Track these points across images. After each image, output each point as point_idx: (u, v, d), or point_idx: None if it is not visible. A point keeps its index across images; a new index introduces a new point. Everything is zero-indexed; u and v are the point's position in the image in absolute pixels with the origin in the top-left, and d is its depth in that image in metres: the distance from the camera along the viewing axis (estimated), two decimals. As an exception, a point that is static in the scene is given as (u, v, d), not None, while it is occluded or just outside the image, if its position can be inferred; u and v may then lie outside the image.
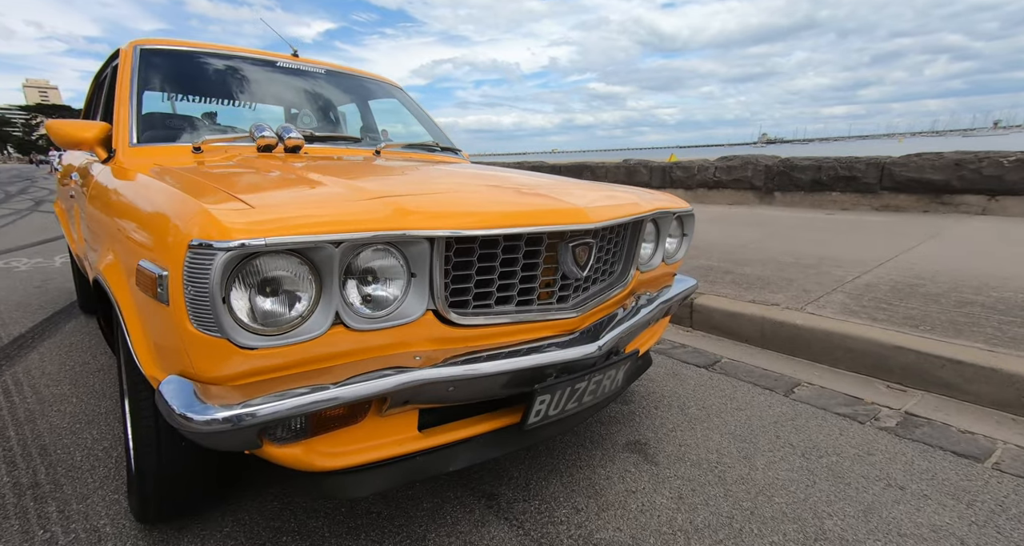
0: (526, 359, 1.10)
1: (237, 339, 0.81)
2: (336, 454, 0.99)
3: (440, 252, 1.03)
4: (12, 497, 1.37)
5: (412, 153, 2.18)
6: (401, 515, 1.32)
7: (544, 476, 1.50)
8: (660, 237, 1.67)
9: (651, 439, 1.72)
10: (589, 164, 8.68)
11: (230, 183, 1.13)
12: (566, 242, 1.21)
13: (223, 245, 0.77)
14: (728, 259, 3.95)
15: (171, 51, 1.97)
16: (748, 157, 7.29)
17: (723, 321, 2.82)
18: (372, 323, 0.97)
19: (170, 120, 1.88)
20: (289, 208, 0.93)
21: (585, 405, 1.29)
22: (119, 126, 1.68)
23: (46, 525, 1.27)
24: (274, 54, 2.21)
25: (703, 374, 2.28)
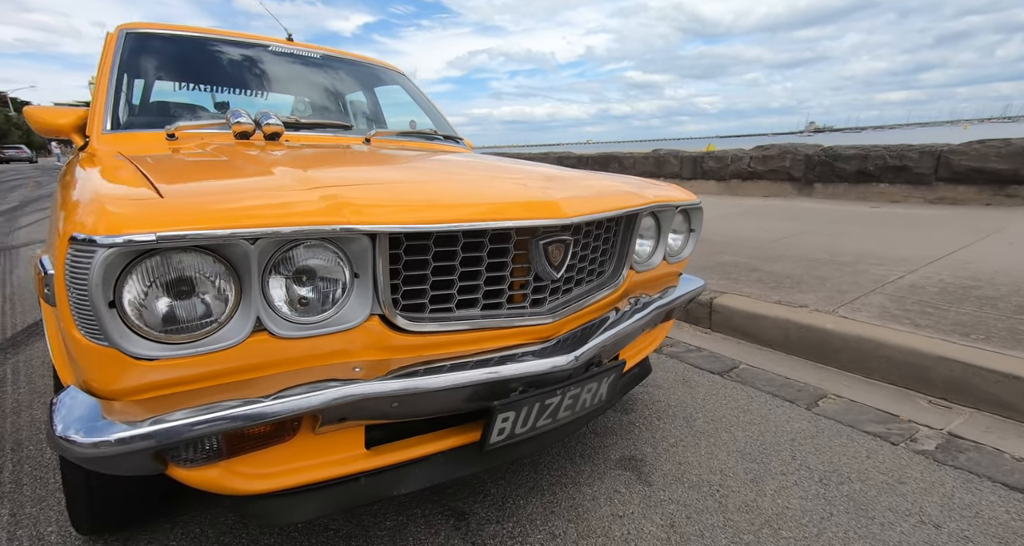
0: (481, 372, 0.97)
1: (129, 349, 0.71)
2: (263, 476, 0.88)
3: (384, 250, 0.90)
4: (-27, 495, 1.35)
5: (406, 141, 2.06)
6: (360, 534, 1.22)
7: (523, 494, 1.37)
8: (661, 233, 1.50)
9: (648, 455, 1.56)
10: (617, 155, 8.38)
11: (167, 172, 1.03)
12: (538, 239, 1.06)
13: (107, 240, 0.67)
14: (756, 255, 3.69)
15: (159, 35, 1.91)
16: (786, 146, 6.87)
17: (744, 323, 2.60)
18: (303, 330, 0.86)
19: (149, 106, 1.81)
20: (205, 200, 0.82)
21: (562, 421, 1.15)
22: (94, 112, 1.62)
23: (-3, 528, 1.23)
24: (268, 38, 2.13)
25: (717, 382, 2.09)
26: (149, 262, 0.72)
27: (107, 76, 1.71)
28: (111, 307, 0.69)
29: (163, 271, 0.74)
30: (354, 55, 2.39)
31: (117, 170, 1.01)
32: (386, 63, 2.54)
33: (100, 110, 1.62)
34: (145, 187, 0.84)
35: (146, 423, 0.70)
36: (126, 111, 1.67)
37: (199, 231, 0.72)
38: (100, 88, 1.68)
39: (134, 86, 1.79)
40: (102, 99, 1.65)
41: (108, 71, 1.72)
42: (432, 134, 2.19)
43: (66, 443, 0.68)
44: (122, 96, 1.69)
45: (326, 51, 2.27)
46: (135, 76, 1.80)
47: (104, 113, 1.61)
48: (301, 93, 2.23)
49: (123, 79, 1.72)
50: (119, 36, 1.84)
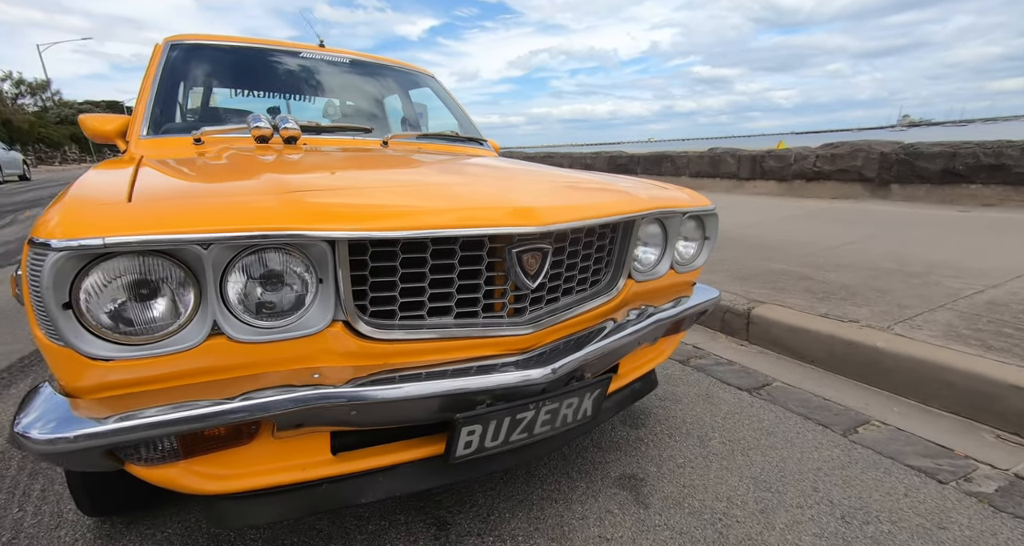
0: (444, 383, 0.94)
1: (85, 349, 0.75)
2: (225, 477, 0.90)
3: (344, 256, 0.89)
4: (14, 470, 1.48)
5: (424, 144, 2.07)
6: (341, 535, 1.23)
7: (511, 507, 1.33)
8: (668, 240, 1.40)
9: (651, 474, 1.47)
10: (670, 154, 8.06)
11: (161, 176, 1.08)
12: (511, 247, 1.02)
13: (59, 244, 0.70)
14: (809, 263, 3.42)
15: (199, 45, 2.02)
16: (859, 143, 6.34)
17: (784, 336, 2.41)
18: (262, 334, 0.87)
19: (184, 112, 1.93)
20: (165, 204, 0.84)
21: (539, 437, 1.10)
22: (134, 119, 1.74)
23: (24, 503, 1.34)
24: (299, 45, 2.20)
25: (743, 399, 1.95)
26: (106, 265, 0.75)
27: (149, 85, 1.83)
28: (66, 308, 0.73)
29: (120, 274, 0.76)
30: (383, 59, 2.43)
31: (115, 173, 1.07)
32: (415, 66, 2.57)
33: (139, 117, 1.74)
34: (122, 192, 0.87)
35: (96, 422, 0.73)
36: (162, 117, 1.77)
37: (146, 236, 0.74)
38: (141, 96, 1.81)
39: (174, 94, 1.91)
40: (142, 107, 1.77)
41: (150, 81, 1.84)
42: (453, 136, 2.19)
43: (22, 439, 0.72)
44: (160, 104, 1.80)
45: (355, 56, 2.32)
46: (175, 84, 1.91)
47: (142, 120, 1.72)
48: (331, 97, 2.30)
49: (163, 88, 1.84)
50: (165, 47, 1.96)
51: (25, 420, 0.74)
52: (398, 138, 1.95)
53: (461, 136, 2.21)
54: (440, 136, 2.17)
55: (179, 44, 1.99)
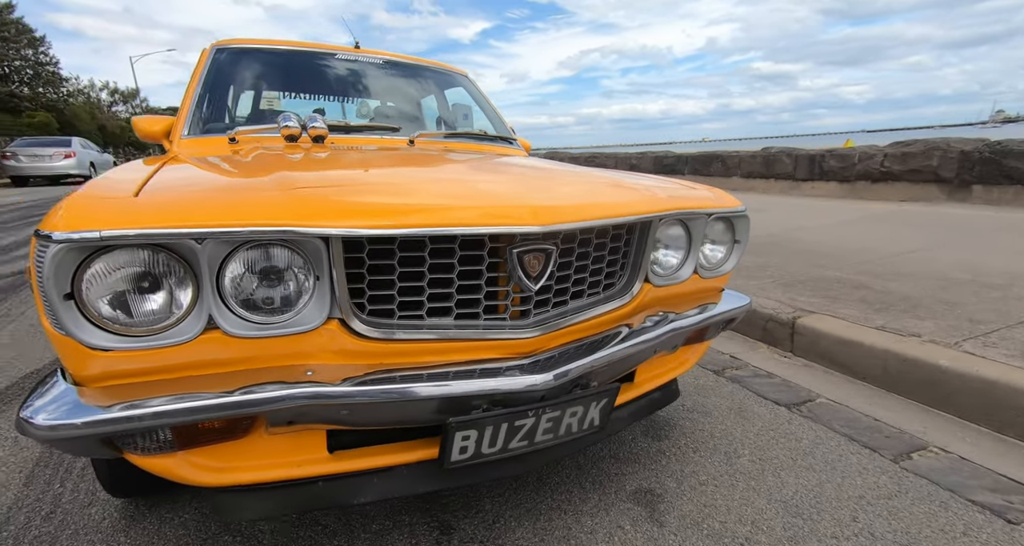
0: (437, 386, 0.92)
1: (85, 339, 0.77)
2: (221, 470, 0.92)
3: (338, 253, 0.89)
4: (60, 446, 1.59)
5: (452, 143, 2.06)
6: (345, 532, 1.23)
7: (517, 515, 1.30)
8: (692, 243, 1.32)
9: (669, 490, 1.39)
10: (720, 154, 7.72)
11: (176, 172, 1.11)
12: (513, 247, 0.98)
13: (59, 236, 0.73)
14: (869, 270, 3.17)
15: (242, 49, 2.11)
16: (935, 141, 5.84)
17: (833, 349, 2.24)
18: (258, 330, 0.87)
19: (224, 113, 2.01)
20: (167, 200, 0.86)
21: (542, 446, 1.06)
22: (178, 120, 1.83)
23: (65, 480, 1.43)
24: (335, 47, 2.26)
25: (781, 415, 1.82)
26: (107, 258, 0.78)
27: (193, 88, 1.92)
28: (67, 299, 0.75)
29: (119, 267, 0.79)
30: (416, 59, 2.45)
31: (139, 170, 1.11)
32: (449, 65, 2.57)
33: (182, 118, 1.82)
34: (132, 187, 0.90)
35: (92, 412, 0.75)
36: (203, 118, 1.86)
37: (141, 230, 0.75)
38: (186, 98, 1.90)
39: (215, 96, 1.99)
40: (186, 108, 1.86)
41: (195, 83, 1.94)
42: (481, 135, 2.17)
43: (25, 424, 0.75)
44: (202, 105, 1.89)
45: (389, 56, 2.35)
46: (217, 87, 2.00)
47: (185, 121, 1.81)
48: (365, 96, 2.33)
49: (205, 90, 1.93)
50: (211, 52, 2.06)
51: (32, 406, 0.78)
52: (425, 137, 1.95)
53: (489, 135, 2.20)
54: (468, 135, 2.15)
55: (224, 48, 2.08)
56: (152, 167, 1.15)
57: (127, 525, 1.25)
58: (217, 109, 1.96)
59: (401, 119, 2.32)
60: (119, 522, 1.26)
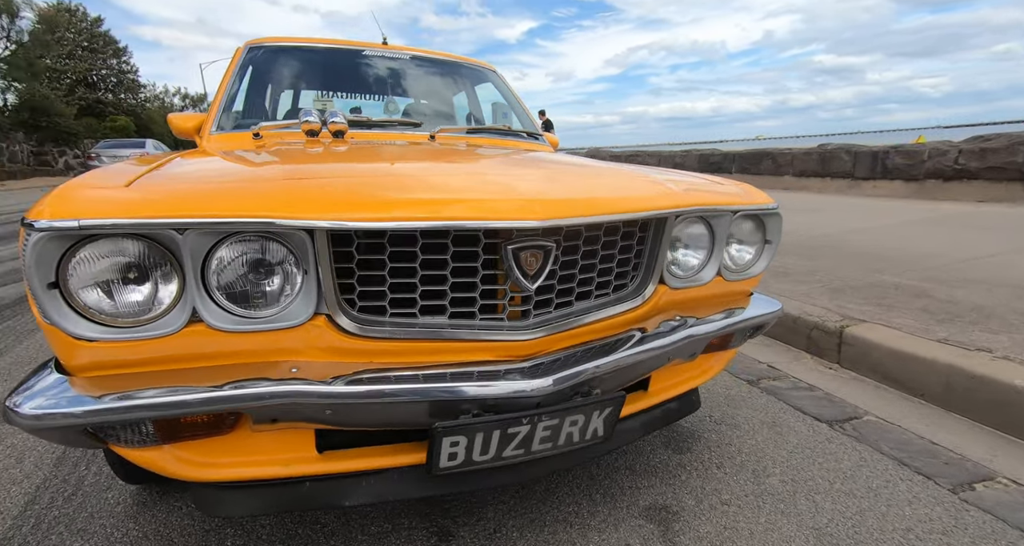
0: (423, 388, 0.87)
1: (69, 328, 0.77)
2: (207, 465, 0.91)
3: (324, 246, 0.86)
4: (91, 430, 1.66)
5: (474, 138, 2.02)
6: (342, 533, 1.21)
7: (520, 526, 1.23)
8: (715, 242, 1.21)
9: (686, 508, 1.29)
10: (771, 151, 7.31)
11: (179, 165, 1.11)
12: (508, 244, 0.92)
13: (40, 224, 0.73)
14: (933, 276, 2.89)
15: (273, 47, 2.15)
16: (1021, 135, 5.31)
17: (886, 362, 2.04)
18: (242, 324, 0.86)
19: (252, 109, 2.04)
20: (153, 190, 0.85)
21: (539, 455, 1.00)
22: (209, 116, 1.88)
23: (90, 463, 1.49)
24: (363, 43, 2.26)
25: (820, 432, 1.66)
26: (91, 247, 0.77)
27: (225, 85, 1.97)
28: (51, 288, 0.76)
29: (103, 257, 0.78)
30: (444, 54, 2.43)
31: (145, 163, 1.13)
32: (476, 60, 2.53)
33: (212, 114, 1.87)
34: (127, 178, 0.90)
35: (68, 403, 0.75)
36: (231, 115, 1.90)
37: (119, 220, 0.75)
38: (217, 95, 1.95)
39: (246, 93, 2.04)
40: (216, 105, 1.90)
41: (226, 81, 1.99)
42: (505, 130, 2.12)
43: (10, 412, 0.76)
44: (231, 102, 1.93)
45: (416, 52, 2.34)
46: (248, 84, 2.05)
47: (214, 117, 1.86)
48: (392, 91, 2.33)
49: (235, 87, 1.97)
50: (244, 50, 2.11)
51: (19, 395, 0.78)
52: (446, 132, 1.91)
53: (514, 130, 2.14)
54: (492, 130, 2.11)
55: (256, 47, 2.12)
56: (159, 160, 1.16)
57: (137, 511, 1.28)
58: (246, 105, 2.00)
59: (427, 114, 2.30)
60: (131, 508, 1.29)
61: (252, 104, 2.06)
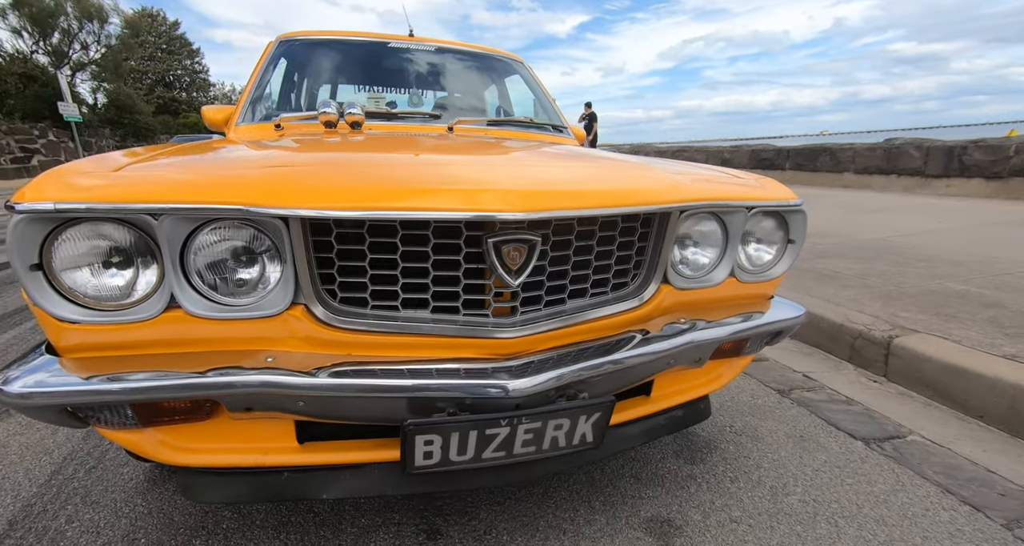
0: (394, 383, 0.84)
1: (52, 310, 0.79)
2: (187, 450, 0.92)
3: (299, 235, 0.84)
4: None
5: (493, 129, 1.97)
6: (333, 523, 1.21)
7: (511, 529, 1.19)
8: (729, 240, 1.12)
9: (691, 523, 1.21)
10: (830, 147, 6.81)
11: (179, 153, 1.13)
12: (489, 237, 0.88)
13: (20, 207, 0.75)
14: (1006, 284, 2.61)
15: (300, 40, 2.19)
16: (1125, 130, 4.70)
17: (940, 378, 1.85)
18: (219, 311, 0.86)
19: (277, 101, 2.08)
20: (134, 176, 0.86)
21: (522, 459, 0.95)
22: (237, 108, 1.94)
23: (114, 438, 1.57)
24: (389, 35, 2.27)
25: (854, 451, 1.52)
26: (73, 231, 0.79)
27: (253, 78, 2.02)
28: (34, 270, 0.78)
29: (84, 240, 0.80)
30: (471, 45, 2.39)
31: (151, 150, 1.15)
32: (502, 51, 2.48)
33: (240, 106, 1.92)
34: (117, 164, 0.92)
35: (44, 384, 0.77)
36: (258, 107, 1.95)
37: (94, 203, 0.76)
38: (246, 88, 2.00)
39: (273, 85, 2.09)
40: (244, 97, 1.96)
41: (256, 74, 2.04)
42: (527, 122, 2.06)
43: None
44: (259, 94, 1.98)
45: (442, 43, 2.32)
46: (275, 76, 2.09)
47: (241, 109, 1.91)
48: (416, 83, 2.32)
49: (263, 80, 2.02)
50: (275, 44, 2.16)
51: (7, 373, 0.81)
52: (465, 124, 1.88)
53: (536, 122, 2.08)
54: (513, 122, 2.06)
55: (286, 40, 2.17)
56: (166, 148, 1.19)
57: (147, 488, 1.33)
58: (272, 97, 2.05)
59: (454, 106, 2.28)
60: (142, 484, 1.34)
61: (279, 96, 2.10)
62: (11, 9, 18.83)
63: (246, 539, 1.15)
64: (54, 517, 1.22)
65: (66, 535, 1.16)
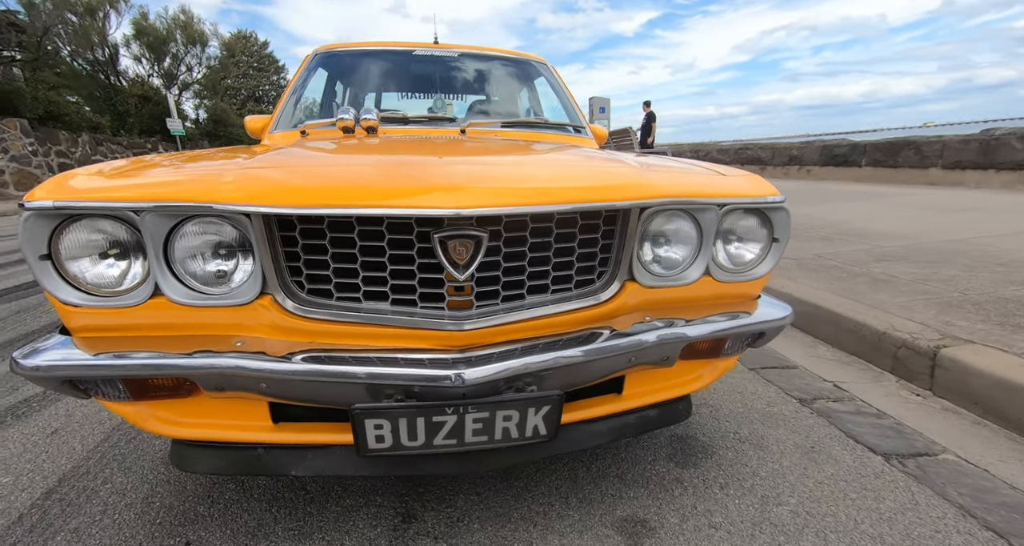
0: (341, 369, 0.90)
1: (57, 294, 0.92)
2: (175, 423, 1.03)
3: (260, 230, 0.93)
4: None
5: (508, 131, 2.00)
6: (320, 501, 1.29)
7: (483, 519, 1.22)
8: (703, 238, 1.08)
9: (666, 526, 1.17)
10: (914, 140, 6.18)
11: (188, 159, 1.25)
12: (437, 232, 0.92)
13: (28, 204, 0.88)
14: (1095, 291, 2.28)
15: (334, 52, 2.35)
16: None
17: (993, 394, 1.66)
18: (197, 299, 0.96)
19: (308, 109, 2.24)
20: (131, 177, 0.99)
21: (474, 448, 0.98)
22: (272, 117, 2.11)
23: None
24: (413, 43, 2.37)
25: (870, 466, 1.41)
26: (76, 225, 0.91)
27: (289, 89, 2.20)
28: (43, 259, 0.91)
29: (84, 233, 0.92)
30: (494, 49, 2.44)
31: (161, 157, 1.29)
32: (525, 53, 2.52)
33: (275, 115, 2.10)
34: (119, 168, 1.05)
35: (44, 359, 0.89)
36: (290, 115, 2.11)
37: (86, 202, 0.88)
38: (281, 98, 2.18)
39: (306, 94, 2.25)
40: (278, 107, 2.13)
41: (291, 85, 2.21)
42: (541, 123, 2.08)
43: (13, 363, 0.92)
44: (293, 103, 2.15)
45: (465, 48, 2.39)
46: (309, 86, 2.26)
47: (276, 118, 2.08)
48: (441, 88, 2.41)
49: (299, 90, 2.19)
50: (312, 56, 2.34)
51: (24, 349, 0.95)
52: (476, 126, 1.94)
53: (551, 123, 2.10)
54: (526, 123, 2.08)
55: (321, 52, 2.33)
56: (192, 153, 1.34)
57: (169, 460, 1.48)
58: (303, 106, 2.21)
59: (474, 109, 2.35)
60: (166, 456, 1.51)
61: (310, 104, 2.26)
62: (134, 39, 21.44)
63: (241, 509, 1.26)
64: (93, 478, 1.40)
65: (99, 494, 1.33)
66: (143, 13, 21.41)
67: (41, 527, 1.21)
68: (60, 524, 1.22)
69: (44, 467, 1.46)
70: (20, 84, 14.22)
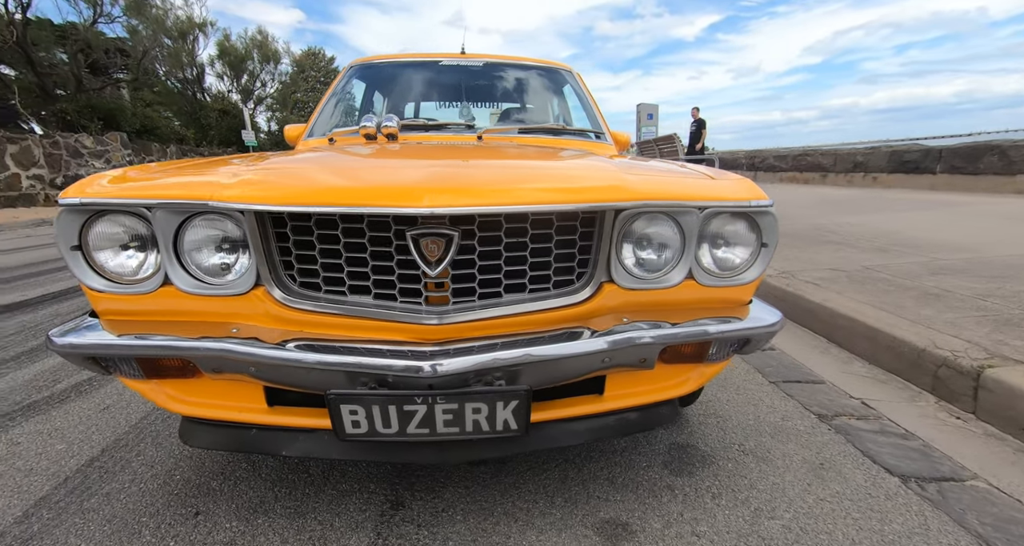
0: (317, 356, 0.96)
1: (84, 280, 1.05)
2: (182, 401, 1.13)
3: (253, 226, 1.01)
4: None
5: (524, 137, 2.04)
6: (318, 484, 1.37)
7: (466, 511, 1.25)
8: (686, 241, 1.07)
9: (647, 530, 1.16)
10: (999, 144, 5.60)
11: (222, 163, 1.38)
12: (410, 230, 0.97)
13: (62, 201, 1.01)
14: None
15: (368, 64, 2.49)
16: None
17: (1033, 416, 1.51)
18: (201, 289, 1.06)
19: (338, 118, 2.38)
20: (151, 178, 1.10)
21: (447, 438, 1.02)
22: (307, 125, 2.27)
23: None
24: (441, 54, 2.47)
25: (883, 487, 1.32)
26: (103, 219, 1.04)
27: (324, 99, 2.35)
28: (74, 250, 1.04)
29: (108, 227, 1.04)
30: (518, 58, 2.50)
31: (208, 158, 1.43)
32: (550, 61, 2.55)
33: (309, 124, 2.25)
34: (145, 171, 1.17)
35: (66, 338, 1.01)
36: (322, 124, 2.26)
37: (106, 199, 1.00)
38: (316, 107, 2.33)
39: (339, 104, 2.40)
40: (314, 115, 2.28)
41: (327, 96, 2.36)
42: (558, 129, 2.10)
43: (48, 340, 1.05)
44: (326, 112, 2.29)
45: (490, 58, 2.46)
46: (342, 96, 2.40)
47: (310, 127, 2.23)
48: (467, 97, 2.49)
49: (333, 99, 2.34)
50: (348, 69, 2.49)
51: (59, 329, 1.08)
52: (493, 132, 1.99)
53: (569, 129, 2.12)
54: (543, 130, 2.11)
55: (357, 64, 2.48)
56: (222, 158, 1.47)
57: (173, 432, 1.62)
58: (335, 115, 2.35)
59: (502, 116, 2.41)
60: (168, 431, 1.64)
61: (343, 113, 2.41)
62: (217, 59, 23.52)
63: (248, 486, 1.36)
64: (130, 450, 1.55)
65: (131, 465, 1.47)
66: (226, 34, 23.39)
67: (81, 489, 1.36)
68: (96, 488, 1.37)
69: (92, 438, 1.64)
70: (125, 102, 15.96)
